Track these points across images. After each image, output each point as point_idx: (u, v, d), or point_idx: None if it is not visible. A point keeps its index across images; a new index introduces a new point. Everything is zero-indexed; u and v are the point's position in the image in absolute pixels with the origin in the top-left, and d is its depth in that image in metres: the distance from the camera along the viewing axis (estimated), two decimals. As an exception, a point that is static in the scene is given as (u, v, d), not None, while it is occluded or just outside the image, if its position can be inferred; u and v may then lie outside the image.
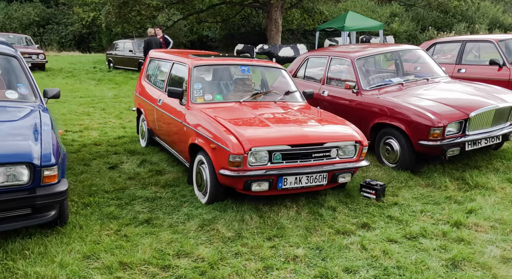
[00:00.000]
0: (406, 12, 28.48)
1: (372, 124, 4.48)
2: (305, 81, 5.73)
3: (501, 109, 4.11)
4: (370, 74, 5.09)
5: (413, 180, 4.01)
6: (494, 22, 26.87)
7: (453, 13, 26.56)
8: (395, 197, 3.63)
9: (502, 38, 6.19)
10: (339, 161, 3.40)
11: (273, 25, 20.71)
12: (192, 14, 23.95)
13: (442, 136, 3.94)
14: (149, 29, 12.45)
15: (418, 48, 5.53)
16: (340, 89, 4.94)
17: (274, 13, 20.30)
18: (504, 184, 3.80)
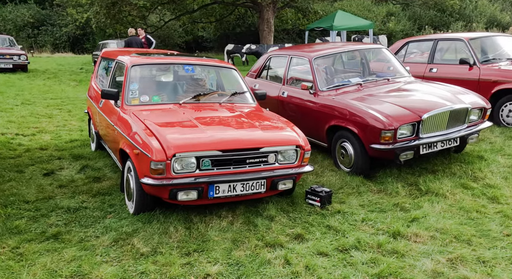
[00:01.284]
0: (402, 11, 28.24)
1: (327, 126, 4.30)
2: (267, 81, 5.55)
3: (456, 111, 3.91)
4: (329, 74, 4.90)
5: (366, 185, 3.82)
6: (491, 20, 26.61)
7: (450, 12, 26.30)
8: (341, 204, 3.45)
9: (473, 37, 5.98)
10: (279, 166, 3.22)
11: (265, 25, 20.53)
12: (184, 14, 23.80)
13: (394, 139, 3.75)
14: (130, 29, 12.27)
15: (382, 47, 5.33)
16: (299, 90, 4.76)
17: (266, 13, 20.12)
18: (457, 190, 3.61)
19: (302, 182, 3.97)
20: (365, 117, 3.86)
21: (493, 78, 5.50)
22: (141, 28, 13.13)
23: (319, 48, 5.05)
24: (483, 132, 5.27)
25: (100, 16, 19.57)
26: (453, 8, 25.60)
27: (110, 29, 22.50)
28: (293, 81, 5.01)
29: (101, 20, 20.14)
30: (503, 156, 4.40)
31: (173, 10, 23.91)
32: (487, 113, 4.24)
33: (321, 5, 25.32)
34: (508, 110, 5.40)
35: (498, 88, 5.43)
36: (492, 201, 3.39)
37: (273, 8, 20.18)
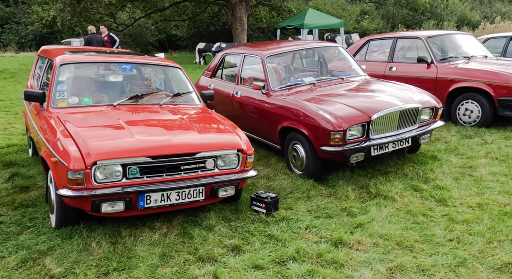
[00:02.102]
0: (376, 10, 28.65)
1: (279, 128, 4.12)
2: (222, 81, 5.33)
3: (406, 111, 3.82)
4: (283, 73, 4.73)
5: (316, 189, 3.67)
6: (462, 19, 27.36)
7: (422, 11, 26.87)
8: (288, 210, 3.27)
9: (431, 35, 5.97)
10: (219, 172, 3.00)
11: (238, 23, 20.30)
12: (154, 12, 23.23)
13: (344, 141, 3.61)
14: (90, 27, 11.72)
15: (337, 45, 5.21)
16: (252, 89, 4.56)
17: (238, 11, 19.88)
18: (407, 192, 3.51)
19: (252, 187, 3.79)
20: (315, 119, 3.71)
21: (450, 76, 5.49)
22: (104, 26, 12.61)
23: (272, 46, 4.87)
24: (440, 131, 5.26)
25: (65, 13, 18.80)
26: (425, 7, 26.20)
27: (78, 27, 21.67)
28: (246, 80, 4.81)
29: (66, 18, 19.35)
30: (457, 155, 4.37)
31: (143, 8, 23.31)
32: (439, 113, 4.18)
33: (295, 4, 25.32)
34: (464, 109, 5.40)
35: (454, 86, 5.43)
36: (440, 204, 3.30)
37: (245, 6, 19.97)
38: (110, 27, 22.82)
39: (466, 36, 6.38)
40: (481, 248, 2.62)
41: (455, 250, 2.62)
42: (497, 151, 4.35)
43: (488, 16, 27.43)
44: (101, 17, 21.24)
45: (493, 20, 24.43)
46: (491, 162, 4.09)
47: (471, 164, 4.07)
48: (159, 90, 3.90)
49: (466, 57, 5.83)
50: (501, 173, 3.82)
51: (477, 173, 3.87)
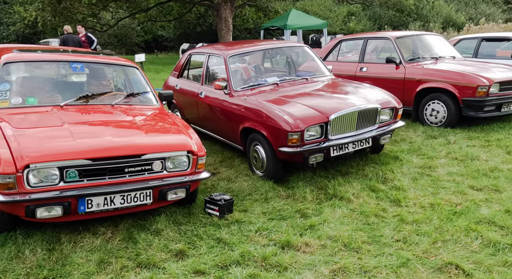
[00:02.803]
0: (363, 11, 28.88)
1: (241, 129, 4.08)
2: (188, 81, 5.27)
3: (364, 111, 3.81)
4: (246, 73, 4.69)
5: (275, 190, 3.63)
6: (447, 20, 27.77)
7: (409, 12, 27.15)
8: (243, 213, 3.23)
9: (399, 36, 6.01)
10: (167, 175, 2.94)
11: (223, 24, 20.19)
12: (138, 12, 22.97)
13: (302, 142, 3.58)
14: (65, 27, 11.51)
15: (303, 45, 5.19)
16: (215, 90, 4.51)
17: (223, 11, 19.77)
18: (364, 193, 3.50)
19: (211, 189, 3.73)
20: (273, 119, 3.67)
21: (417, 77, 5.53)
22: (81, 26, 12.42)
23: (237, 46, 4.83)
24: (406, 131, 5.28)
25: (46, 13, 18.46)
26: (411, 9, 26.54)
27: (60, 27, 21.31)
28: (210, 80, 4.76)
29: (47, 18, 19.01)
30: (419, 155, 4.38)
31: (126, 8, 23.05)
32: (399, 113, 4.18)
33: (282, 4, 25.33)
34: (431, 110, 5.43)
35: (421, 87, 5.46)
36: (393, 204, 3.29)
37: (230, 7, 19.89)
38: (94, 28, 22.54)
39: (435, 37, 6.44)
40: (425, 248, 2.61)
41: (400, 250, 2.61)
42: (458, 151, 4.38)
43: (473, 17, 27.91)
44: (84, 17, 20.92)
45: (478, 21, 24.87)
46: (451, 162, 4.11)
47: (431, 164, 4.08)
48: (113, 90, 3.82)
49: (434, 57, 5.88)
50: (458, 173, 3.84)
51: (435, 173, 3.88)
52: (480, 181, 3.61)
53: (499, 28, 18.37)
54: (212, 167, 4.32)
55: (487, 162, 4.03)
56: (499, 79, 4.98)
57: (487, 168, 3.88)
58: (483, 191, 3.45)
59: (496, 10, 29.21)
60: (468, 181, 3.65)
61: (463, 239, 2.69)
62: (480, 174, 3.76)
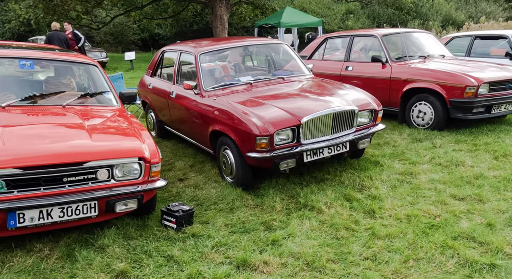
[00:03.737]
0: (362, 9, 28.55)
1: (210, 131, 3.82)
2: (161, 80, 5.00)
3: (340, 114, 3.54)
4: (219, 72, 4.42)
5: (243, 199, 3.37)
6: (447, 19, 27.43)
7: (408, 11, 26.86)
8: (203, 225, 2.96)
9: (386, 33, 5.73)
10: (115, 184, 2.67)
11: (218, 22, 19.87)
12: (132, 10, 22.67)
13: (271, 146, 3.32)
14: (53, 23, 11.24)
15: (281, 43, 4.91)
16: (186, 89, 4.23)
17: (218, 9, 19.46)
18: (338, 202, 3.23)
19: (175, 197, 3.47)
20: (241, 122, 3.41)
21: (403, 76, 5.25)
22: (68, 23, 12.15)
23: (210, 43, 4.56)
24: (391, 134, 5.01)
25: (38, 10, 18.16)
26: (410, 7, 26.22)
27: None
28: (182, 79, 4.49)
29: (39, 15, 18.73)
30: (401, 161, 4.11)
31: (121, 6, 22.75)
32: (379, 116, 3.91)
33: (280, 2, 24.98)
34: (418, 111, 5.16)
35: (408, 87, 5.19)
36: (367, 215, 3.03)
37: (226, 4, 19.59)
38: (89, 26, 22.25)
39: (425, 35, 6.16)
40: (395, 267, 2.35)
41: (367, 270, 2.35)
42: (443, 156, 4.11)
43: (473, 16, 27.58)
44: (78, 15, 20.65)
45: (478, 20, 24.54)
46: (434, 168, 3.84)
47: (412, 170, 3.81)
48: (74, 89, 3.55)
49: (423, 56, 5.61)
50: (440, 180, 3.58)
51: (417, 180, 3.62)
52: (463, 190, 3.35)
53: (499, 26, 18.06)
54: (181, 172, 4.06)
55: (472, 168, 3.76)
56: (488, 79, 4.71)
57: (472, 174, 3.61)
58: (466, 200, 3.19)
59: (496, 8, 28.88)
60: (451, 189, 3.38)
61: (438, 257, 2.43)
62: (464, 182, 3.49)
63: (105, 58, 14.53)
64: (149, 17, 26.04)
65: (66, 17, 19.84)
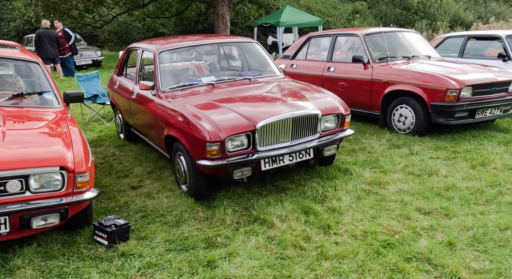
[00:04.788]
0: (369, 9, 28.11)
1: (164, 136, 3.59)
2: (125, 79, 4.79)
3: (300, 119, 3.28)
4: (181, 72, 4.19)
5: (193, 211, 3.14)
6: (455, 19, 26.88)
7: (416, 10, 26.39)
8: (141, 241, 2.73)
9: (370, 32, 5.44)
10: (31, 197, 2.40)
11: (220, 21, 19.70)
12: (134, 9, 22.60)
13: (223, 153, 3.08)
14: (44, 21, 11.15)
15: (252, 41, 4.65)
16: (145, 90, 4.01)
17: (220, 8, 19.29)
18: (294, 215, 2.97)
19: (121, 208, 3.25)
20: (192, 127, 3.18)
21: (385, 78, 4.97)
22: (58, 20, 12.04)
23: (173, 40, 4.33)
24: (370, 139, 4.73)
25: (39, 8, 18.17)
26: (418, 7, 25.72)
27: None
28: (144, 79, 4.26)
29: (40, 13, 18.74)
30: (373, 168, 3.84)
31: (123, 4, 22.70)
32: (347, 120, 3.64)
33: (286, 2, 24.68)
34: (399, 115, 4.88)
35: (389, 89, 4.91)
36: (322, 231, 2.77)
37: (228, 3, 19.41)
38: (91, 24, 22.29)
39: (412, 34, 5.85)
40: (334, 295, 2.10)
41: (302, 298, 2.10)
42: (418, 164, 3.82)
43: (483, 16, 26.98)
44: (80, 13, 20.65)
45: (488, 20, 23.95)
46: (405, 178, 3.56)
47: (382, 179, 3.54)
48: (14, 88, 3.35)
49: (406, 57, 5.31)
50: (409, 191, 3.30)
51: (384, 190, 3.35)
52: (431, 202, 3.07)
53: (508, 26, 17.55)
54: (137, 179, 3.84)
55: (446, 178, 3.48)
56: (471, 82, 4.40)
57: (443, 185, 3.33)
58: (431, 215, 2.91)
59: (507, 9, 28.21)
60: (418, 201, 3.11)
61: (384, 283, 2.18)
62: (433, 193, 3.21)
63: (100, 57, 14.42)
64: (152, 16, 26.00)
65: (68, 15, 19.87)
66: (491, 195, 3.12)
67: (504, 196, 3.11)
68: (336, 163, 4.00)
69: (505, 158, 3.85)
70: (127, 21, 28.43)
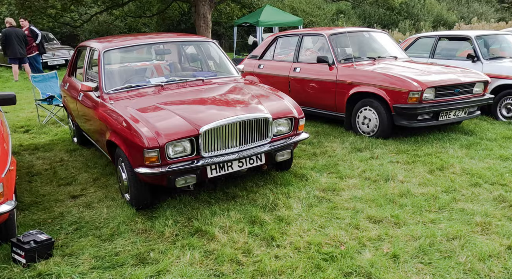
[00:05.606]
0: (353, 9, 28.18)
1: (106, 141, 3.35)
2: (75, 80, 4.54)
3: (249, 123, 3.09)
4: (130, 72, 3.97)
5: (132, 222, 2.92)
6: (438, 19, 27.21)
7: (399, 11, 26.58)
8: (65, 258, 2.49)
9: (335, 32, 5.30)
10: None
11: (201, 21, 19.41)
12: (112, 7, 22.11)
13: (163, 160, 2.87)
14: (7, 19, 10.68)
15: (208, 40, 4.44)
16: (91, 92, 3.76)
17: (201, 7, 19.00)
18: (238, 226, 2.78)
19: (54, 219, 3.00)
20: (129, 131, 2.96)
21: (349, 79, 4.83)
22: (24, 19, 11.58)
23: (123, 38, 4.09)
24: (333, 142, 4.58)
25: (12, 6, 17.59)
26: (401, 7, 25.87)
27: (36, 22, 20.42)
28: (91, 80, 4.02)
29: (14, 12, 18.15)
30: (330, 173, 3.68)
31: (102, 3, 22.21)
32: (301, 124, 3.48)
33: (270, 1, 24.52)
34: (363, 117, 4.75)
35: (353, 91, 4.77)
36: (265, 243, 2.59)
37: (209, 2, 19.15)
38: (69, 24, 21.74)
39: (380, 35, 5.74)
40: (261, 318, 1.92)
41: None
42: (376, 169, 3.68)
43: (465, 16, 27.38)
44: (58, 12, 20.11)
45: (470, 20, 24.26)
46: (361, 183, 3.42)
47: (337, 185, 3.39)
48: None
49: (372, 57, 5.19)
50: (363, 197, 3.15)
51: (338, 197, 3.19)
52: (383, 210, 2.92)
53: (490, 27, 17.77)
54: (81, 187, 3.59)
55: (402, 184, 3.34)
56: (434, 84, 4.29)
57: (398, 191, 3.19)
58: (381, 224, 2.76)
59: (489, 9, 28.69)
60: (370, 209, 2.96)
61: (318, 303, 2.01)
62: (387, 200, 3.07)
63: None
64: (133, 15, 25.55)
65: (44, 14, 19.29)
66: (445, 201, 2.99)
67: (457, 202, 2.99)
68: (294, 167, 3.83)
69: (465, 161, 3.75)
70: (108, 21, 27.89)
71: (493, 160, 3.77)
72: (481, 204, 2.94)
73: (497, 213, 2.79)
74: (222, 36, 25.68)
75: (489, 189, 3.18)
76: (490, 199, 3.03)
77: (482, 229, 2.59)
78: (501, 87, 5.45)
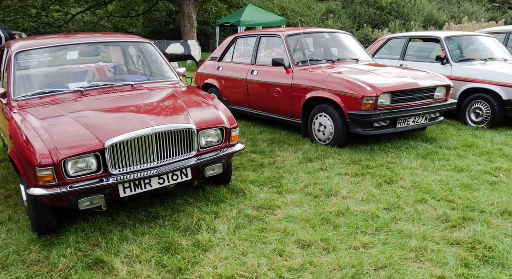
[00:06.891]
0: (343, 9, 27.95)
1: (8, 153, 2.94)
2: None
3: (167, 134, 2.72)
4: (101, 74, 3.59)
5: (27, 250, 2.52)
6: (428, 19, 27.09)
7: (389, 10, 26.41)
8: None
9: (291, 33, 4.96)
10: None
11: (186, 20, 19.03)
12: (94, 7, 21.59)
13: (61, 179, 2.48)
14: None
15: (145, 41, 4.05)
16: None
17: (186, 7, 18.61)
18: (148, 254, 2.39)
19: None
20: (22, 145, 2.57)
21: (304, 83, 4.49)
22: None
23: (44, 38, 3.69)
24: (285, 151, 4.23)
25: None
26: (391, 6, 25.70)
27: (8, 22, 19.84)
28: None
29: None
30: (272, 188, 3.30)
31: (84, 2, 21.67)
32: (233, 134, 3.11)
33: (258, 1, 24.18)
34: (319, 124, 4.40)
35: (308, 96, 4.42)
36: (171, 277, 2.22)
37: (194, 2, 18.75)
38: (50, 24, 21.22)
39: (342, 36, 5.39)
40: None
41: None
42: (322, 182, 3.33)
43: (456, 16, 27.29)
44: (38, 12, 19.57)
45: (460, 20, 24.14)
46: (301, 199, 3.06)
47: (275, 202, 3.03)
48: None
49: (331, 60, 4.86)
50: (298, 217, 2.79)
51: (271, 216, 2.83)
52: (315, 232, 2.57)
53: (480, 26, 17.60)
54: (-10, 206, 3.19)
55: (343, 200, 2.99)
56: (389, 89, 3.95)
57: (337, 209, 2.83)
58: (309, 249, 2.40)
59: (479, 9, 28.66)
60: (301, 231, 2.60)
61: None
62: (322, 220, 2.72)
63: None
64: (118, 15, 25.11)
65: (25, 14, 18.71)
66: (384, 221, 2.65)
67: (397, 222, 2.65)
68: (234, 181, 3.47)
69: (417, 173, 3.42)
70: (94, 21, 27.38)
71: (447, 172, 3.45)
72: (422, 224, 2.61)
73: (436, 235, 2.46)
74: (211, 35, 25.31)
75: (434, 206, 2.85)
76: (433, 217, 2.70)
77: (416, 255, 2.26)
78: (470, 90, 5.16)
